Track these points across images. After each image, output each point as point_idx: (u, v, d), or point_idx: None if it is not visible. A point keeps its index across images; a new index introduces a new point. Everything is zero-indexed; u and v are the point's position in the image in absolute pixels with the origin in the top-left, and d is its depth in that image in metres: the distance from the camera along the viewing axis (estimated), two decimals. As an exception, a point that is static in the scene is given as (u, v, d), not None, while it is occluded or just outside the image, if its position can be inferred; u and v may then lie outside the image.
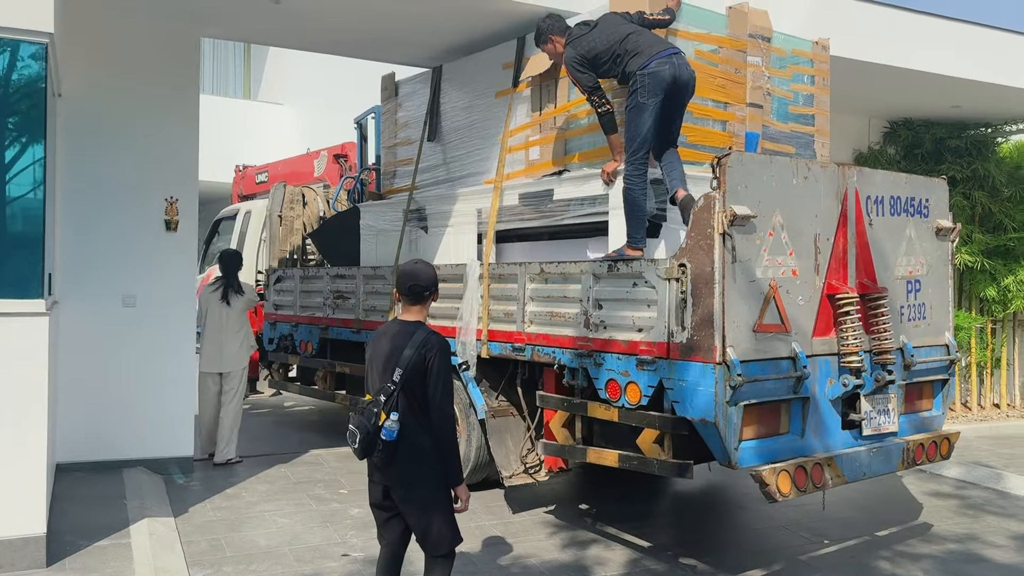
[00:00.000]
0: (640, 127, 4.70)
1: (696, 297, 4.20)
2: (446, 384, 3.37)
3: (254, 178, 13.04)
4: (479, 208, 6.16)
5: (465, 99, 6.57)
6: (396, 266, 6.57)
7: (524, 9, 5.84)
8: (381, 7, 5.95)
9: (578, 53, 4.85)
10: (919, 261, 5.22)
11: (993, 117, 9.40)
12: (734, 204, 4.16)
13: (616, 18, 4.98)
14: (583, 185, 5.27)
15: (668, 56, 4.70)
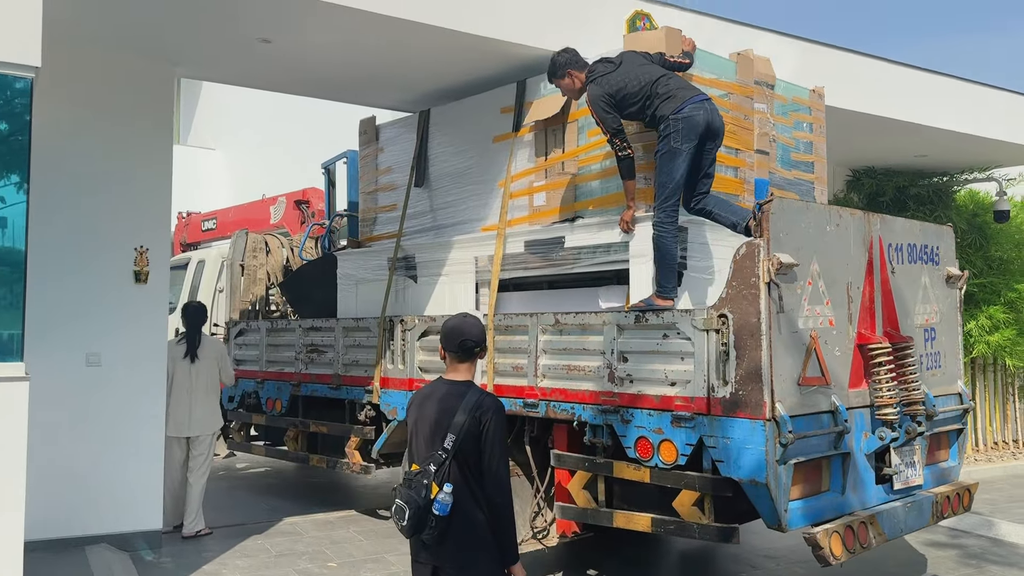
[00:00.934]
0: (673, 172, 4.55)
1: (740, 349, 4.02)
2: (503, 451, 3.06)
3: (200, 225, 12.50)
4: (476, 256, 5.92)
5: (457, 144, 6.37)
6: (383, 317, 6.23)
7: (525, 52, 5.70)
8: (373, 51, 5.73)
9: (605, 92, 4.69)
10: (933, 309, 5.19)
11: (951, 166, 9.72)
12: (777, 252, 4.02)
13: (638, 57, 4.86)
14: (599, 233, 5.09)
15: (701, 102, 4.59)
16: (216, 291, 9.62)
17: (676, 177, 4.54)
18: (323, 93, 6.98)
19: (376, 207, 7.11)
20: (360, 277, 6.94)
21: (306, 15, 5.04)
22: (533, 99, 5.77)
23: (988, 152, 8.95)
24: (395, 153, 6.93)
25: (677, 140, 4.52)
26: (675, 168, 4.53)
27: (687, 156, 4.54)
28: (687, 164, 4.55)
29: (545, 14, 5.65)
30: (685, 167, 4.55)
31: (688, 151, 4.54)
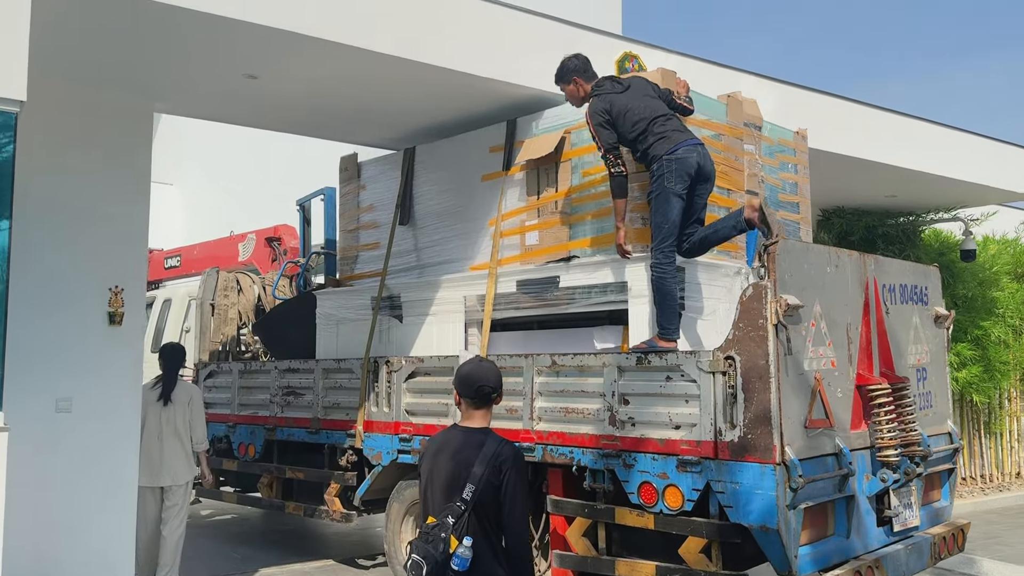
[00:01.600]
0: (668, 213, 4.56)
1: (749, 392, 3.98)
2: (524, 503, 2.95)
3: (162, 262, 12.17)
4: (465, 295, 5.84)
5: (444, 182, 6.31)
6: (367, 358, 6.08)
7: (515, 92, 5.69)
8: (360, 88, 5.68)
9: (605, 108, 4.72)
10: (924, 349, 5.24)
11: (918, 206, 9.96)
12: (784, 294, 4.01)
13: (647, 87, 4.89)
14: (595, 272, 5.06)
15: (695, 145, 4.65)
16: (183, 331, 9.34)
17: (672, 218, 4.55)
18: (307, 130, 6.89)
19: (358, 245, 7.00)
20: (341, 317, 6.79)
21: (294, 51, 4.96)
22: (524, 138, 5.76)
23: (954, 193, 9.20)
24: (378, 191, 6.85)
25: (670, 181, 4.55)
26: (670, 209, 4.54)
27: (681, 198, 4.56)
28: (681, 205, 4.57)
29: (537, 54, 5.65)
30: (680, 208, 4.58)
31: (681, 193, 4.56)
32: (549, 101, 5.73)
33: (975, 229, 10.05)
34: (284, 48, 4.91)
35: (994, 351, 9.85)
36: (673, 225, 4.58)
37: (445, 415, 5.45)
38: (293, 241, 9.58)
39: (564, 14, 5.84)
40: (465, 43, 5.35)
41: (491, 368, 3.14)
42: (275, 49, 4.94)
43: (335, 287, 7.04)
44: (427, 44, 5.18)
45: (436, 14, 5.23)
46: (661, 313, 4.55)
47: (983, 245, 10.52)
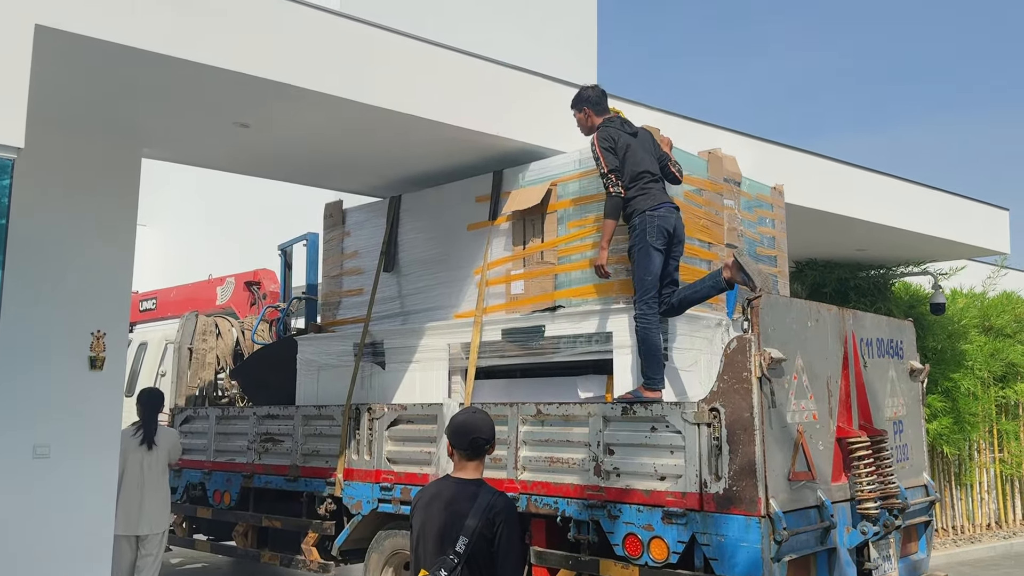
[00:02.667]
0: (651, 267, 4.68)
1: (734, 444, 4.02)
2: (518, 556, 2.95)
3: (138, 305, 12.05)
4: (449, 343, 5.87)
5: (429, 230, 6.38)
6: (348, 405, 6.05)
7: (502, 144, 5.79)
8: (349, 137, 5.76)
9: (613, 138, 4.87)
10: (900, 402, 5.34)
11: (889, 260, 10.21)
12: (767, 347, 4.09)
13: (650, 141, 5.04)
14: (582, 322, 5.12)
15: (674, 208, 4.82)
16: (158, 375, 9.22)
17: (654, 271, 4.69)
18: (296, 177, 6.93)
19: (341, 291, 7.00)
20: (322, 363, 6.76)
21: (283, 101, 5.03)
22: (510, 189, 5.85)
23: (923, 247, 9.45)
24: (362, 237, 6.89)
25: (652, 236, 4.68)
26: (652, 263, 4.69)
27: (661, 253, 4.69)
28: (661, 260, 4.71)
29: (523, 107, 5.78)
30: (660, 262, 4.73)
31: (661, 249, 4.70)
32: (535, 153, 5.85)
33: (944, 283, 10.29)
34: (274, 98, 4.97)
35: (963, 403, 10.02)
36: (655, 278, 4.69)
37: (428, 464, 5.42)
38: (273, 286, 9.55)
39: (540, 67, 6.00)
40: (453, 95, 5.46)
41: (484, 419, 3.15)
42: (265, 99, 5.01)
43: (316, 332, 7.01)
44: (416, 96, 5.27)
45: (425, 68, 5.35)
46: (646, 363, 4.61)
47: (952, 298, 10.77)
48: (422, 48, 5.31)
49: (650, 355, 4.61)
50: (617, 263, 5.10)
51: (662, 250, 4.72)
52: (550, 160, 5.74)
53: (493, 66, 5.69)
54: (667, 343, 4.89)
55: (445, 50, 5.43)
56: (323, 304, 7.18)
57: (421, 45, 5.30)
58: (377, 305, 6.57)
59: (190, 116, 5.33)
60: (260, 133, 5.66)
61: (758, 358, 4.04)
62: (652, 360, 4.60)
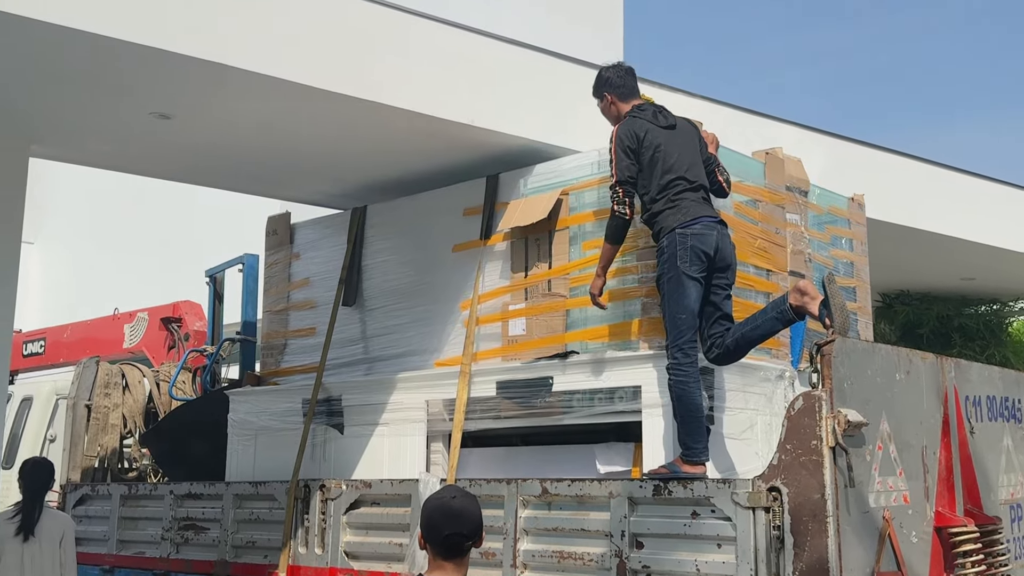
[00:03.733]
0: (684, 300, 4.68)
1: (800, 535, 4.02)
2: None
3: (21, 348, 12.05)
4: (428, 400, 5.89)
5: (403, 252, 6.44)
6: (295, 482, 6.04)
7: (499, 141, 5.88)
8: (301, 133, 5.87)
9: (637, 135, 4.88)
10: (1019, 480, 5.33)
11: (1004, 292, 10.24)
12: (843, 407, 4.10)
13: (695, 137, 5.05)
14: (601, 373, 5.15)
15: (714, 223, 4.80)
16: (46, 440, 9.23)
17: (689, 305, 4.68)
18: (230, 182, 7.05)
19: (286, 330, 7.04)
20: (261, 425, 6.78)
21: (216, 85, 5.10)
22: (509, 199, 5.90)
23: (1050, 277, 9.49)
24: (316, 261, 6.95)
25: (684, 261, 4.68)
26: (685, 295, 4.67)
27: (698, 282, 4.69)
28: (699, 292, 4.70)
29: (525, 94, 5.86)
30: (697, 294, 4.70)
31: (698, 277, 4.70)
32: (541, 153, 5.92)
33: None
34: (204, 82, 5.05)
35: (1104, 480, 9.99)
36: (691, 315, 4.69)
37: (398, 559, 5.40)
38: (198, 323, 9.58)
39: (550, 44, 6.10)
40: (432, 78, 5.54)
41: (468, 505, 3.09)
42: (193, 83, 5.08)
43: (254, 385, 7.04)
44: (383, 80, 5.35)
45: (396, 43, 5.43)
46: (684, 428, 4.61)
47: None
48: (392, 18, 5.41)
49: (689, 417, 4.60)
50: (647, 296, 5.12)
51: (699, 278, 4.72)
52: (561, 162, 5.78)
53: (485, 41, 5.79)
54: (712, 401, 4.89)
55: (422, 19, 5.52)
56: (263, 348, 7.19)
57: (390, 14, 5.40)
58: (334, 349, 6.58)
59: (93, 103, 5.40)
60: (185, 126, 5.72)
61: (831, 422, 4.04)
62: (692, 424, 4.60)
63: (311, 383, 6.46)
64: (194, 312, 9.80)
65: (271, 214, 7.38)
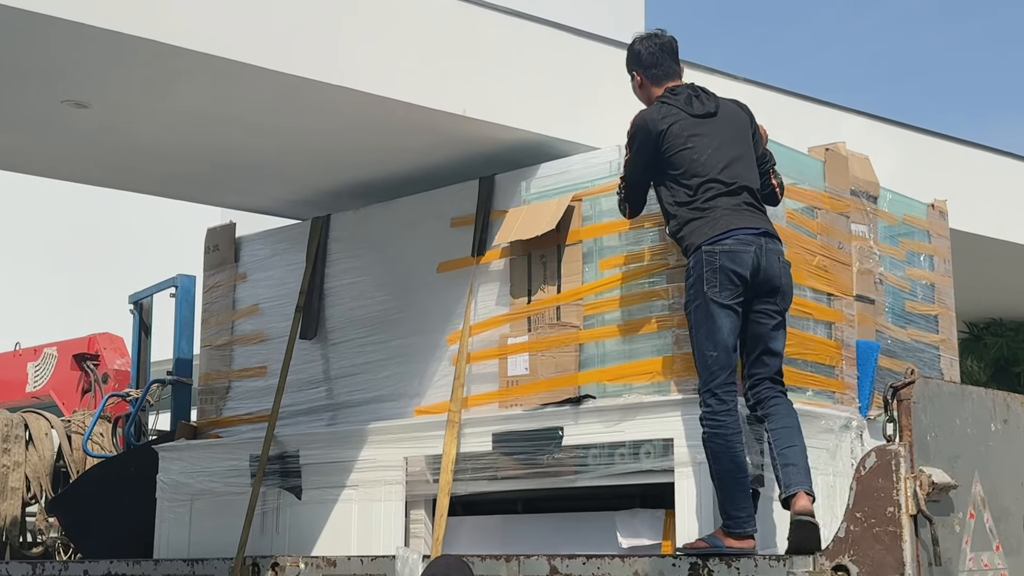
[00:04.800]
0: (715, 336, 4.63)
1: (872, 626, 3.99)
2: None
3: None
4: (407, 456, 5.90)
5: (375, 272, 6.46)
6: (240, 559, 6.02)
7: (494, 134, 5.88)
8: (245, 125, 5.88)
9: (658, 129, 4.85)
10: None
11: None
12: (926, 466, 4.08)
13: (744, 125, 5.03)
14: (622, 422, 5.14)
15: (756, 235, 4.73)
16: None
17: (721, 340, 4.63)
18: (158, 187, 7.07)
19: (230, 370, 7.06)
20: (199, 488, 6.78)
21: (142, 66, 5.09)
22: (508, 206, 5.91)
23: None
24: (267, 283, 6.97)
25: (712, 286, 4.64)
26: (715, 328, 4.64)
27: (731, 311, 4.67)
28: (734, 323, 4.68)
29: (527, 77, 5.87)
30: (732, 326, 4.67)
31: (732, 304, 4.66)
32: (547, 149, 5.92)
33: None
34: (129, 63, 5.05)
35: None
36: (725, 352, 4.64)
37: (369, 656, 5.38)
38: (119, 361, 9.58)
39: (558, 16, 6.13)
40: (413, 58, 5.55)
41: None
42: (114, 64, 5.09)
43: (190, 438, 7.04)
44: (351, 59, 5.36)
45: (367, 15, 5.45)
46: (724, 493, 4.58)
47: None
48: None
49: (729, 479, 4.57)
50: (679, 326, 5.10)
51: (731, 306, 4.67)
52: (571, 160, 5.79)
53: (478, 12, 5.82)
54: (762, 458, 4.86)
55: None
56: (201, 391, 7.21)
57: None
58: (290, 393, 6.59)
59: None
60: (106, 117, 5.73)
61: (912, 483, 4.02)
62: (733, 487, 4.56)
63: (261, 435, 6.46)
64: (115, 347, 9.79)
65: (211, 225, 7.39)
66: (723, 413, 4.65)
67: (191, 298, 8.36)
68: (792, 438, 4.70)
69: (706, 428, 4.66)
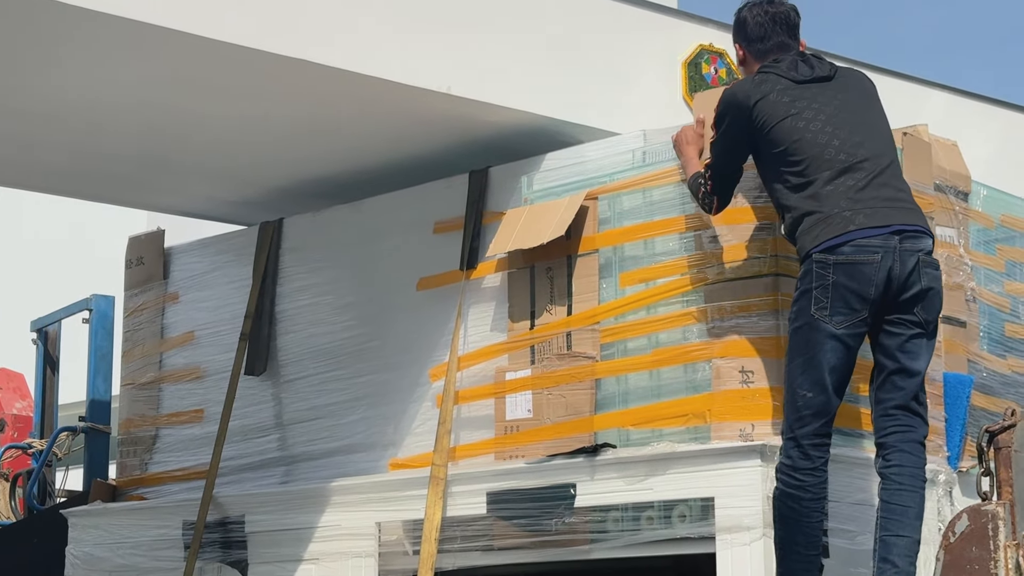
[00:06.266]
0: (815, 376, 4.56)
1: None
2: None
3: None
4: (379, 521, 5.91)
5: (339, 290, 6.50)
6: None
7: (486, 117, 5.91)
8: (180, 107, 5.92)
9: (746, 103, 4.80)
10: None
11: None
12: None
13: (863, 94, 4.96)
14: (648, 478, 5.12)
15: (884, 236, 4.64)
16: None
17: (820, 378, 4.58)
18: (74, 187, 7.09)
19: (157, 415, 7.09)
20: (119, 563, 6.81)
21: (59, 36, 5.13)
22: (505, 207, 5.93)
23: None
24: (205, 305, 7.02)
25: (823, 309, 4.53)
26: (818, 365, 4.58)
27: (845, 345, 4.63)
28: (843, 357, 4.61)
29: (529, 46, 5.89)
30: (838, 361, 4.59)
31: (841, 334, 4.59)
32: (553, 135, 5.96)
33: None
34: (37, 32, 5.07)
35: None
36: (824, 396, 4.58)
37: None
38: (19, 403, 9.61)
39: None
40: (387, 25, 5.56)
41: None
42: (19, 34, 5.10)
43: (108, 500, 7.07)
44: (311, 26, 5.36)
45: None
46: (784, 565, 4.61)
47: None
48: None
49: (793, 552, 4.58)
50: (722, 355, 5.10)
51: (845, 337, 4.61)
52: (584, 149, 5.81)
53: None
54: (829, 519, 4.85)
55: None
56: (122, 441, 7.21)
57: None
58: (233, 444, 6.61)
59: None
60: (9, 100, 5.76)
61: (1013, 552, 4.03)
62: (796, 559, 4.59)
63: (197, 497, 6.48)
64: (13, 386, 9.82)
65: (134, 234, 7.41)
66: (806, 472, 4.59)
67: (109, 324, 8.38)
68: (902, 525, 4.60)
69: (779, 484, 4.63)
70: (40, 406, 8.92)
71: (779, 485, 4.61)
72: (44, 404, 8.87)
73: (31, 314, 9.11)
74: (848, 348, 4.60)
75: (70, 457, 8.59)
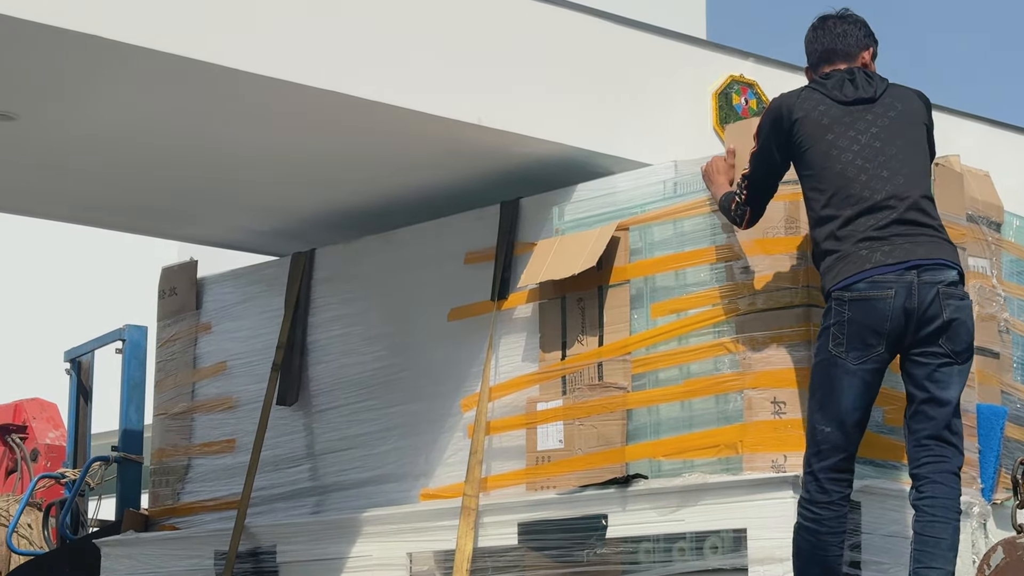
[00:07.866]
0: (834, 411, 4.56)
1: None
2: None
3: None
4: (411, 552, 5.91)
5: (370, 321, 6.51)
6: None
7: (518, 148, 5.91)
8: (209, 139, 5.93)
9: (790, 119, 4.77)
10: None
11: None
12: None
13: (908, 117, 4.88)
14: (680, 508, 5.12)
15: (901, 272, 4.59)
16: None
17: (840, 416, 4.57)
18: (106, 218, 7.09)
19: (189, 445, 7.11)
20: (151, 593, 6.78)
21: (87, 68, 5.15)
22: (536, 237, 5.94)
23: None
24: (237, 336, 7.04)
25: (839, 346, 4.53)
26: (836, 401, 4.57)
27: (863, 382, 4.63)
28: (862, 392, 4.61)
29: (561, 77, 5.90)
30: (856, 396, 4.58)
31: (858, 370, 4.58)
32: (585, 166, 5.96)
33: None
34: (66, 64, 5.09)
35: None
36: (842, 431, 4.56)
37: None
38: (53, 433, 9.62)
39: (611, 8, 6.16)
40: (419, 56, 5.57)
41: None
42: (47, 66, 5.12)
43: (140, 530, 7.09)
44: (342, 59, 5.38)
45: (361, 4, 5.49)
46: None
47: None
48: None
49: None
50: (754, 386, 5.09)
51: (859, 371, 4.59)
52: (616, 180, 5.83)
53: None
54: (861, 553, 4.84)
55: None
56: (155, 471, 7.22)
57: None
58: (265, 474, 6.63)
59: None
60: (36, 132, 5.79)
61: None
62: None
63: (229, 527, 6.49)
64: (46, 416, 9.83)
65: (167, 264, 7.44)
66: (822, 505, 4.58)
67: (142, 354, 8.39)
68: (934, 557, 4.54)
69: (798, 517, 4.63)
70: (73, 436, 8.92)
71: (798, 518, 4.61)
72: (77, 434, 8.88)
73: (64, 344, 9.14)
74: (866, 383, 4.59)
75: (103, 487, 8.59)
